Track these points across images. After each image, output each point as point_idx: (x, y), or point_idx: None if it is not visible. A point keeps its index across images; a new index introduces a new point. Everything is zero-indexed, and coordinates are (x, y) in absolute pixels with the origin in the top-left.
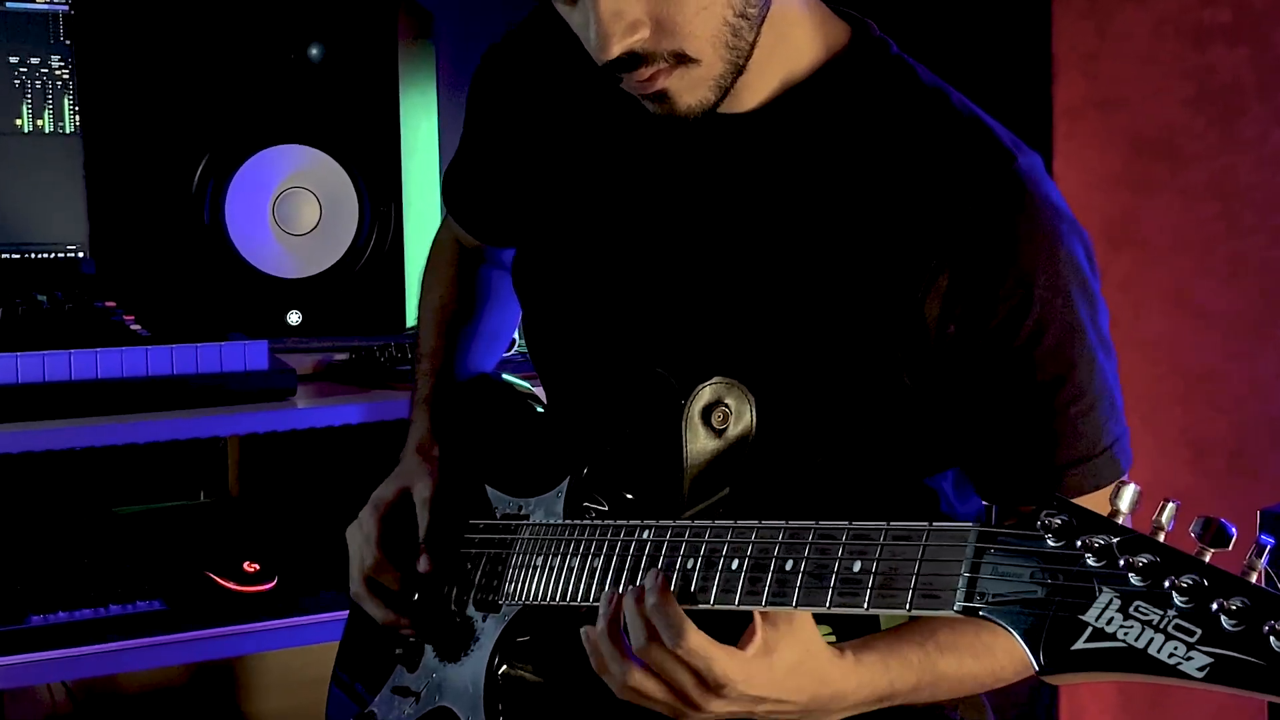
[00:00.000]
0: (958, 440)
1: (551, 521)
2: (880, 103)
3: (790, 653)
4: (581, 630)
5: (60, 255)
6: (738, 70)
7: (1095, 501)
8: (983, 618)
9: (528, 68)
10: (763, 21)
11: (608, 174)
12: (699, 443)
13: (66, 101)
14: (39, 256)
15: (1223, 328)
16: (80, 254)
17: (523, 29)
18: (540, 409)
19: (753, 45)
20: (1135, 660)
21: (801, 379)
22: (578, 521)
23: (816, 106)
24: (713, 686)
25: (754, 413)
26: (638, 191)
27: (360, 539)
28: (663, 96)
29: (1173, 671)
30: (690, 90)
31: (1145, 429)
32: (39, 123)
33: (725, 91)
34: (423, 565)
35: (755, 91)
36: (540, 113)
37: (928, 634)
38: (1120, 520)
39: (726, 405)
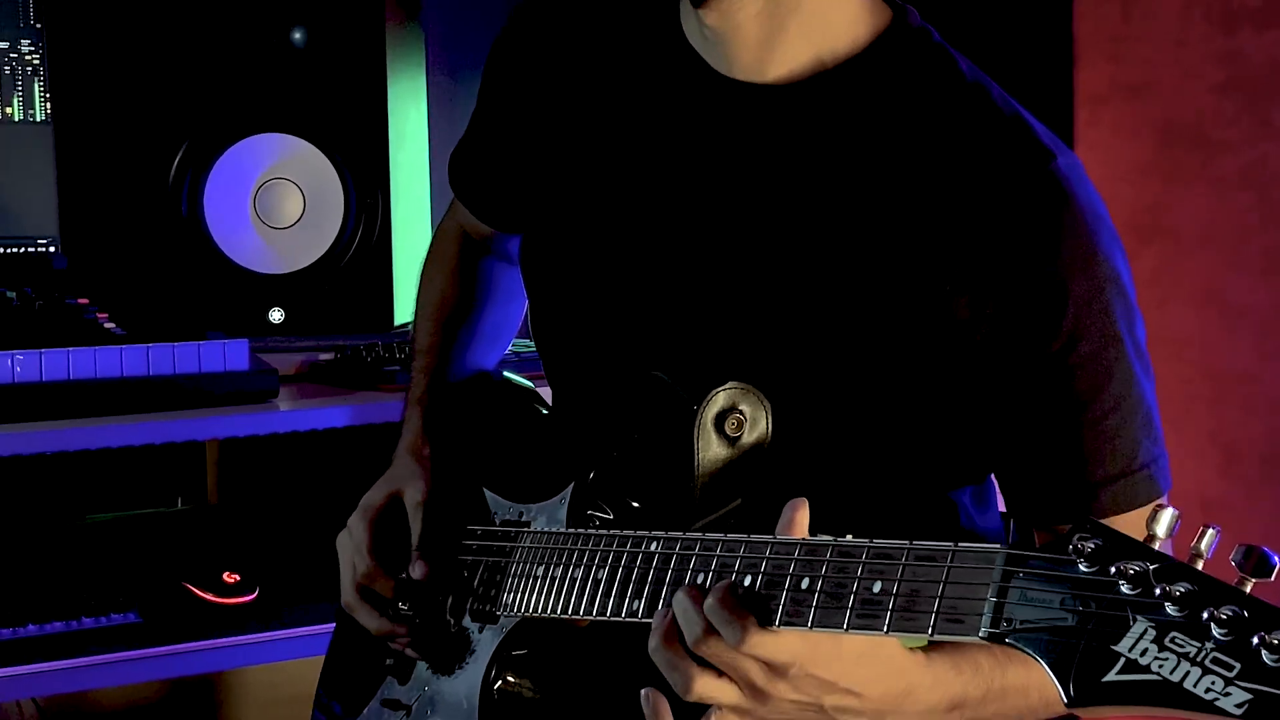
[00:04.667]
0: (988, 452)
1: (554, 530)
2: (919, 93)
3: (857, 637)
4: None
5: (30, 249)
6: None
7: (1130, 523)
8: (1009, 645)
9: (546, 42)
10: None
11: (623, 155)
12: (711, 450)
13: (37, 88)
14: (8, 251)
15: (1256, 325)
16: (51, 248)
17: (538, 2)
18: (544, 410)
19: None
20: (1170, 694)
21: (821, 384)
22: (582, 530)
23: (854, 91)
24: (778, 668)
25: (769, 420)
26: (655, 174)
27: (351, 547)
28: None
29: (1209, 707)
30: None
31: (1173, 432)
32: (8, 110)
33: (771, 14)
34: (418, 572)
35: (784, 58)
36: (557, 89)
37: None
38: (1157, 546)
39: (741, 412)
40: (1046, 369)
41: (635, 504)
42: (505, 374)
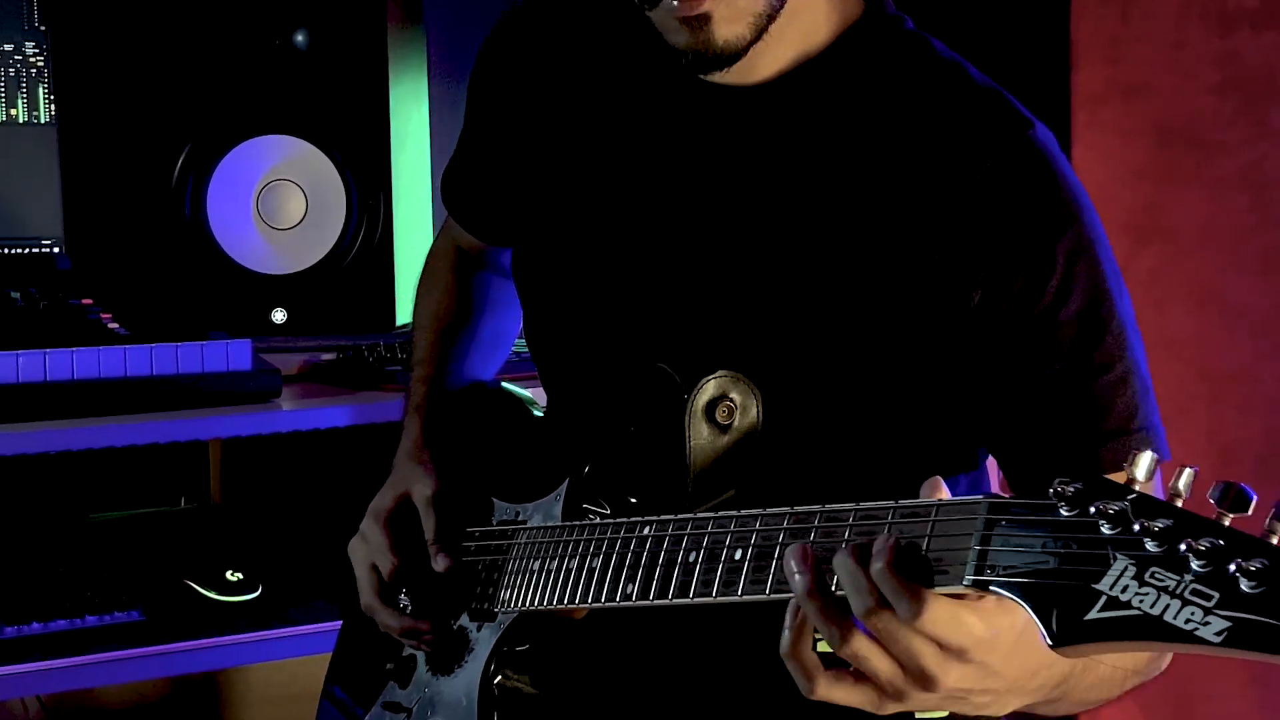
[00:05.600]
0: (987, 422)
1: (549, 525)
2: (896, 75)
3: (1018, 616)
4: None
5: (34, 250)
6: (771, 18)
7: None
8: (993, 591)
9: (526, 54)
10: None
11: (610, 160)
12: (703, 439)
13: (41, 90)
14: (12, 251)
15: (1253, 325)
16: (55, 249)
17: (520, 14)
18: (538, 413)
19: None
20: (1151, 627)
21: (811, 370)
22: (576, 523)
23: (830, 80)
24: (955, 651)
25: (760, 407)
26: (641, 177)
27: (367, 550)
28: (703, 22)
29: (1189, 637)
30: (730, 21)
31: (1171, 432)
32: (12, 112)
33: (759, 35)
34: (440, 565)
35: (770, 61)
36: (541, 100)
37: None
38: (1137, 489)
39: (731, 400)
40: (1039, 328)
41: (632, 499)
42: (502, 383)
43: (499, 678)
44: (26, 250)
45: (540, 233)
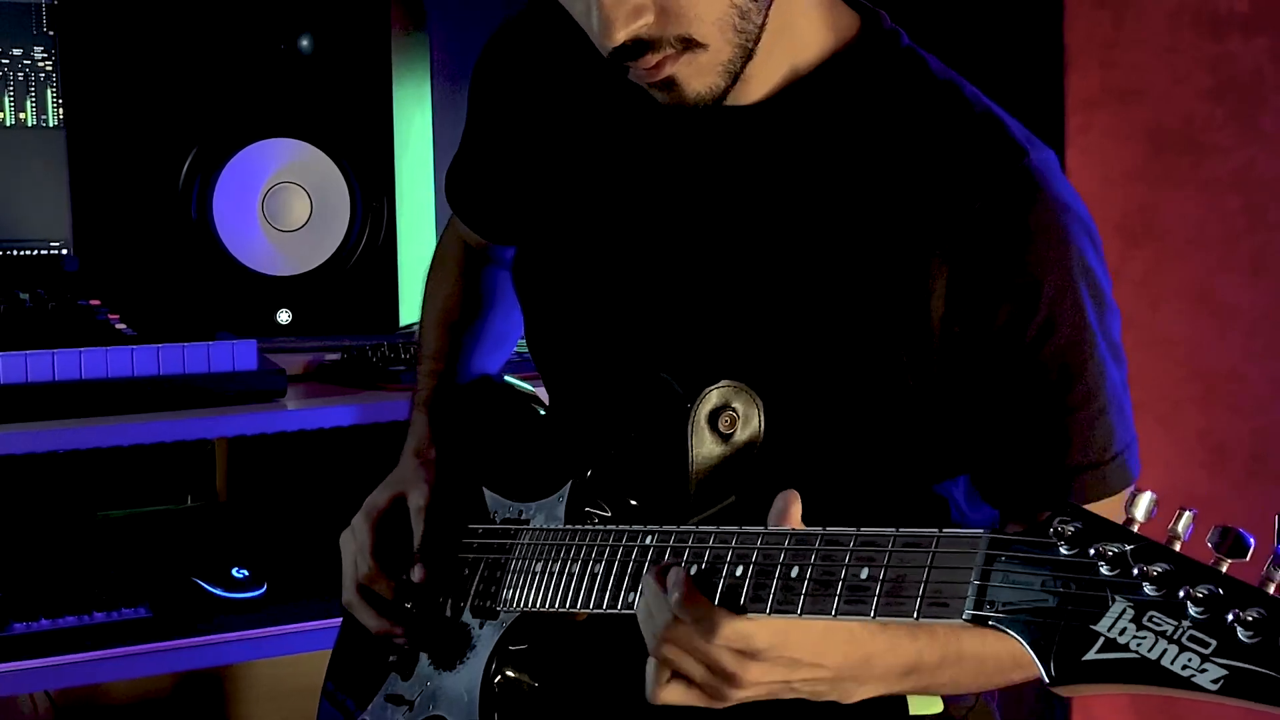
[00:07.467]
0: (966, 444)
1: (552, 527)
2: (890, 95)
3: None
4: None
5: (43, 252)
6: (747, 55)
7: (1104, 509)
8: (992, 627)
9: (529, 57)
10: (770, 3)
11: (611, 169)
12: (705, 448)
13: (50, 94)
14: (21, 253)
15: (1245, 326)
16: (64, 251)
17: (523, 17)
18: (543, 412)
19: (761, 28)
20: (1147, 671)
21: (810, 382)
22: (579, 527)
23: (824, 99)
24: (749, 652)
25: (762, 418)
26: (642, 188)
27: (354, 547)
28: (670, 84)
29: (1186, 684)
30: (698, 76)
31: (1163, 431)
32: (21, 116)
33: (735, 77)
34: (417, 575)
35: (762, 81)
36: (542, 104)
37: None
38: (1135, 529)
39: (734, 410)
40: (1019, 362)
41: (633, 502)
42: (507, 378)
43: (500, 675)
44: (35, 252)
45: (541, 240)
